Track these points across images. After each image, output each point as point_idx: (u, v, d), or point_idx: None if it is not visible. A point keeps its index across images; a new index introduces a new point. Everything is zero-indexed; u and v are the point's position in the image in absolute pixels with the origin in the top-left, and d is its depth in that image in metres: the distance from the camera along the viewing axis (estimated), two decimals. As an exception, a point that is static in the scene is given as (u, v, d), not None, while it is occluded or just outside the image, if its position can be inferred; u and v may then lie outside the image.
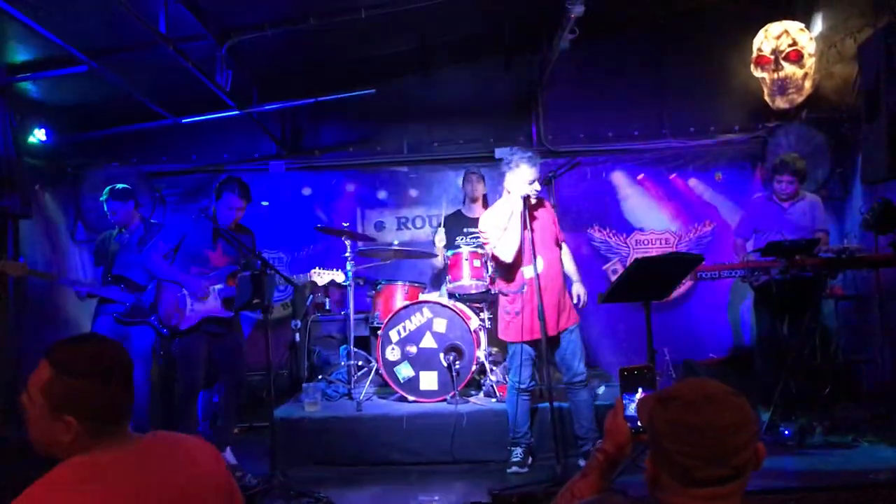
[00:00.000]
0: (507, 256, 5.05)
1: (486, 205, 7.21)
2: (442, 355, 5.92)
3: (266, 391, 5.24)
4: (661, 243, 7.97)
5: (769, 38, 7.54)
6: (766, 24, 7.53)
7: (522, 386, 5.09)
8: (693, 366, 7.41)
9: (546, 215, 5.25)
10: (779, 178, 6.20)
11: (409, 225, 8.13)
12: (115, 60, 5.73)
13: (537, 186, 5.02)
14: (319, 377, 6.53)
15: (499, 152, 7.90)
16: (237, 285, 5.14)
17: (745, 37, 7.66)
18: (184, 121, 6.85)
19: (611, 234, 7.98)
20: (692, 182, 7.93)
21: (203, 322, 5.27)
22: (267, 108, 7.01)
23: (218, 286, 5.31)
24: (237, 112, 6.65)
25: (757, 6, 7.79)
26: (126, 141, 7.83)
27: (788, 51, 7.43)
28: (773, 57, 7.50)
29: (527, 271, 5.00)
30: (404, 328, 6.04)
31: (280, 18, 5.98)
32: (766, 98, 7.61)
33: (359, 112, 7.97)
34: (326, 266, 6.00)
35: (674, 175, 7.93)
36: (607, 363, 7.58)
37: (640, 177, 7.94)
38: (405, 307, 6.08)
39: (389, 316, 6.09)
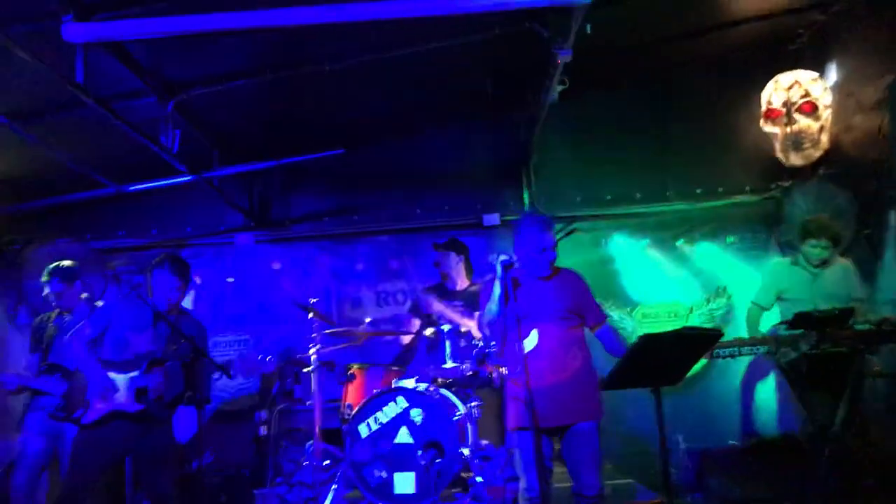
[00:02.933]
0: (484, 328, 4.52)
1: (470, 277, 6.45)
2: (420, 452, 5.06)
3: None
4: (669, 317, 7.18)
5: (779, 89, 6.91)
6: (774, 75, 6.92)
7: (529, 494, 4.08)
8: (711, 457, 6.55)
9: (560, 286, 4.34)
10: (813, 242, 5.47)
11: (390, 300, 7.36)
12: (41, 123, 5.07)
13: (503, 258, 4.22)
14: (279, 480, 5.67)
15: (487, 219, 7.25)
16: (165, 376, 4.35)
17: (753, 89, 7.06)
18: (130, 189, 6.19)
19: (613, 308, 7.18)
20: (701, 248, 7.20)
21: (109, 417, 4.46)
22: (224, 172, 6.33)
23: (132, 374, 4.50)
24: (190, 177, 5.98)
25: (763, 56, 7.17)
26: (78, 214, 7.23)
27: (801, 102, 6.79)
28: (784, 109, 6.85)
29: (525, 345, 4.20)
30: (375, 420, 5.20)
31: (233, 72, 5.34)
32: (779, 154, 6.93)
33: (334, 178, 7.36)
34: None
35: (680, 241, 7.20)
36: (615, 456, 6.71)
37: (644, 242, 7.21)
38: (376, 396, 5.25)
39: (358, 406, 5.26)
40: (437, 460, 5.02)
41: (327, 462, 5.57)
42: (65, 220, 7.20)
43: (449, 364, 5.40)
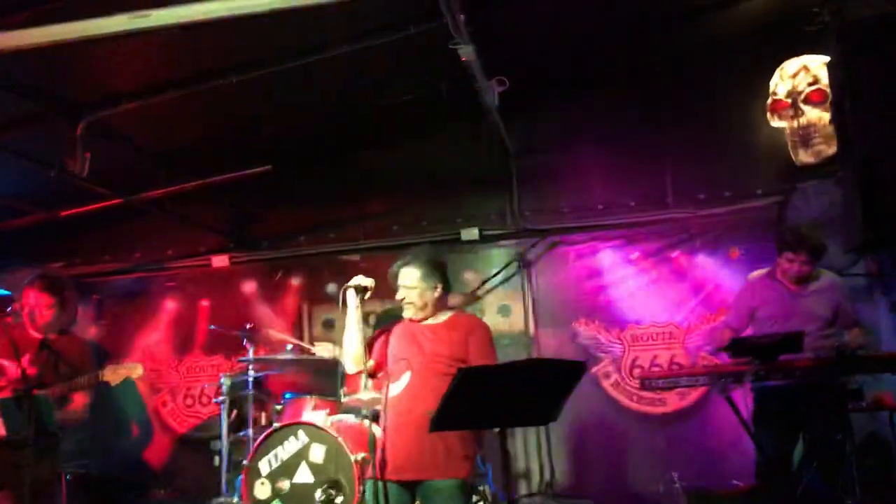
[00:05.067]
0: (345, 363, 3.92)
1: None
2: (318, 493, 4.64)
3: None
4: (664, 338, 6.37)
5: (785, 77, 6.05)
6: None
7: None
8: (708, 498, 5.73)
9: (449, 332, 3.74)
10: (789, 255, 4.58)
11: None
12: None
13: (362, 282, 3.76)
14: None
15: (465, 234, 6.73)
16: (2, 411, 4.15)
17: (764, 78, 6.19)
18: (63, 214, 6.11)
19: (601, 329, 6.46)
20: (700, 261, 6.34)
21: None
22: (146, 195, 6.14)
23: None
24: (118, 199, 5.84)
25: (776, 40, 6.25)
26: (67, 240, 7.26)
27: (808, 91, 5.91)
28: (790, 100, 5.97)
29: (393, 388, 3.73)
30: (276, 457, 4.84)
31: (137, 90, 5.14)
32: (791, 152, 6.04)
33: (312, 196, 7.08)
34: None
35: (676, 253, 6.38)
36: (598, 490, 6.05)
37: (635, 256, 6.44)
38: (277, 430, 4.89)
39: (259, 441, 4.90)
40: (337, 500, 4.59)
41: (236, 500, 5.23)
42: (53, 245, 7.28)
43: (364, 394, 4.95)
